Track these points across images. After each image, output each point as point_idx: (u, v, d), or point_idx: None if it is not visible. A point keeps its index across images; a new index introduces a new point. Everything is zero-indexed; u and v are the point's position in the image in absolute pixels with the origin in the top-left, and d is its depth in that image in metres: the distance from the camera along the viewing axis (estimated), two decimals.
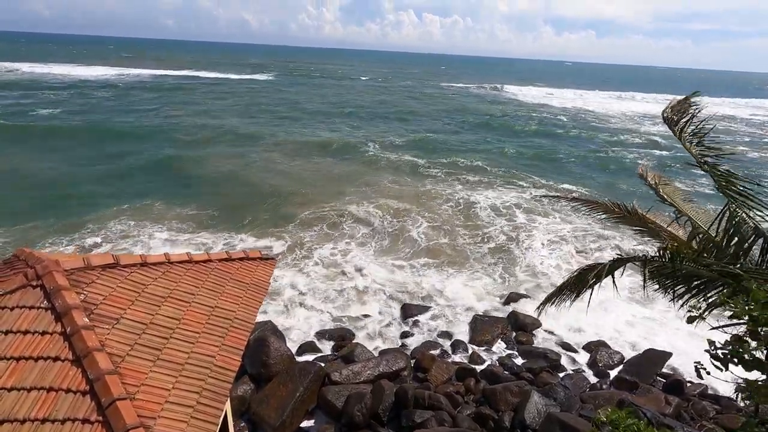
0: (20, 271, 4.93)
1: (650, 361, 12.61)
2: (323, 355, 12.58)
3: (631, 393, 11.31)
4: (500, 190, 28.91)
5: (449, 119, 57.23)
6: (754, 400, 3.46)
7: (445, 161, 35.28)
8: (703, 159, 5.70)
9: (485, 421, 10.05)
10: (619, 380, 12.02)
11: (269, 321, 13.48)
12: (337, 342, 13.18)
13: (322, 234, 20.88)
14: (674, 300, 5.24)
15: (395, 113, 59.07)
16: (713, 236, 5.53)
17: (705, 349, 3.44)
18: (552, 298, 6.50)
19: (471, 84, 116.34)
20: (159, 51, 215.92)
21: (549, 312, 6.89)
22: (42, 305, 4.64)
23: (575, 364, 13.10)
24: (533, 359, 12.89)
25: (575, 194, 23.56)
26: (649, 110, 76.40)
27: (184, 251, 8.75)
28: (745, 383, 3.45)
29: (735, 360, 3.25)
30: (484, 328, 14.08)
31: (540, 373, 12.19)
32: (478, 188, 29.15)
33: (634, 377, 11.94)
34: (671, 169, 35.38)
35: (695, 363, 3.82)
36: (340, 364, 11.62)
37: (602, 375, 12.60)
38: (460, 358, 12.93)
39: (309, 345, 12.99)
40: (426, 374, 11.58)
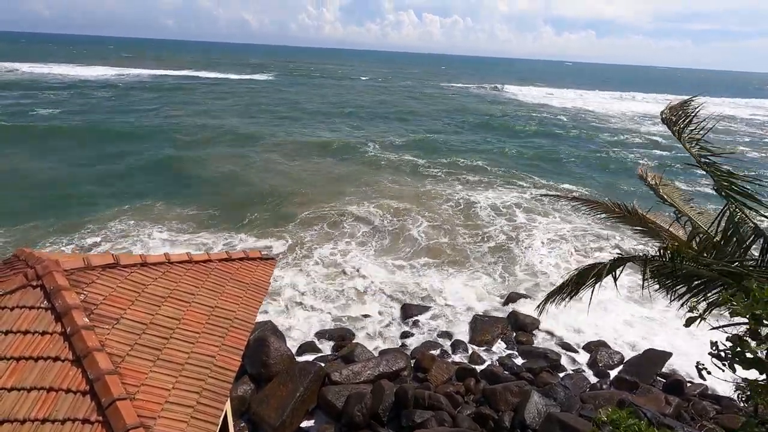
0: (20, 271, 4.93)
1: (650, 361, 12.61)
2: (323, 355, 12.58)
3: (631, 393, 11.31)
4: (500, 190, 28.91)
5: (449, 119, 57.21)
6: (754, 401, 3.45)
7: (445, 161, 35.29)
8: (703, 159, 5.69)
9: (485, 421, 10.05)
10: (619, 380, 12.02)
11: (269, 321, 13.49)
12: (337, 342, 13.18)
13: (322, 234, 20.87)
14: (675, 300, 5.24)
15: (395, 113, 59.05)
16: (713, 236, 5.53)
17: (709, 352, 3.43)
18: (552, 297, 6.48)
19: (471, 84, 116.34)
20: (159, 51, 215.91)
21: (549, 312, 6.89)
22: (42, 305, 4.64)
23: (575, 364, 13.10)
24: (533, 359, 12.89)
25: (575, 194, 23.57)
26: (649, 110, 76.40)
27: (184, 251, 8.75)
28: (745, 383, 3.45)
29: (736, 359, 3.24)
30: (484, 328, 14.08)
31: (540, 373, 12.19)
32: (478, 188, 29.15)
33: (634, 377, 11.93)
34: (672, 170, 35.35)
35: (697, 364, 3.81)
36: (340, 364, 11.62)
37: (602, 375, 12.60)
38: (460, 358, 12.93)
39: (309, 345, 13.00)
40: (426, 374, 11.57)
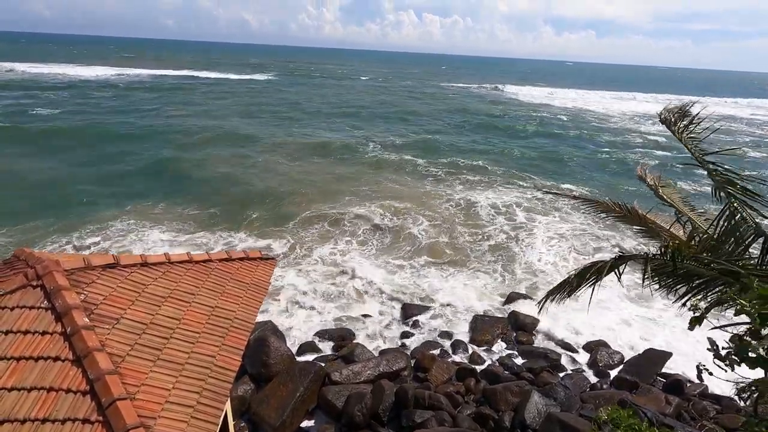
0: (20, 271, 4.93)
1: (650, 361, 12.60)
2: (323, 355, 12.58)
3: (632, 393, 11.30)
4: (501, 190, 28.91)
5: (450, 119, 57.20)
6: (763, 400, 3.43)
7: (446, 161, 35.29)
8: (703, 158, 5.69)
9: (485, 421, 10.05)
10: (620, 380, 12.02)
11: (269, 321, 13.50)
12: (337, 342, 13.18)
13: (323, 234, 20.87)
14: (676, 300, 5.23)
15: (395, 113, 59.03)
16: (713, 235, 5.52)
17: (707, 348, 3.41)
18: (553, 295, 6.46)
19: (471, 84, 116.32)
20: (159, 51, 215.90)
21: (549, 312, 6.88)
22: (42, 305, 4.65)
23: (575, 364, 13.10)
24: (533, 359, 12.89)
25: (575, 194, 23.57)
26: (650, 110, 76.28)
27: (184, 251, 8.75)
28: (753, 382, 3.43)
29: (737, 359, 3.23)
30: (485, 328, 14.08)
31: (540, 373, 12.19)
32: (479, 188, 29.15)
33: (635, 377, 11.93)
34: (672, 170, 35.34)
35: (698, 366, 3.80)
36: (341, 364, 11.62)
37: (602, 375, 12.60)
38: (461, 358, 12.93)
39: (309, 345, 12.99)
40: (426, 374, 11.57)
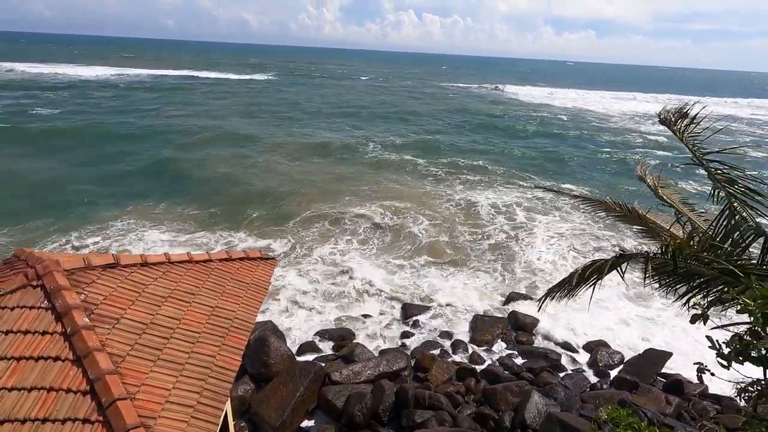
0: (20, 271, 4.93)
1: (650, 361, 12.60)
2: (323, 355, 12.58)
3: (632, 393, 11.30)
4: (501, 190, 28.91)
5: (450, 119, 57.20)
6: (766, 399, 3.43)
7: (446, 161, 35.29)
8: (703, 158, 5.68)
9: (485, 421, 10.05)
10: (620, 380, 12.02)
11: (269, 321, 13.50)
12: (338, 342, 13.18)
13: (323, 233, 20.87)
14: (676, 300, 5.23)
15: (396, 113, 59.03)
16: (713, 235, 5.52)
17: (709, 346, 3.40)
18: (552, 293, 6.45)
19: (472, 84, 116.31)
20: (159, 51, 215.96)
21: (549, 312, 6.88)
22: (42, 305, 4.65)
23: (575, 364, 13.09)
24: (533, 359, 12.88)
25: (575, 193, 23.57)
26: (650, 110, 76.30)
27: (185, 251, 8.75)
28: (753, 382, 3.43)
29: (740, 358, 3.22)
30: (485, 328, 14.08)
31: (540, 373, 12.19)
32: (479, 187, 29.15)
33: (635, 377, 11.93)
34: (673, 169, 35.33)
35: (698, 367, 3.79)
36: (341, 364, 11.62)
37: (602, 375, 12.60)
38: (461, 358, 12.93)
39: (309, 345, 12.99)
40: (426, 374, 11.57)
